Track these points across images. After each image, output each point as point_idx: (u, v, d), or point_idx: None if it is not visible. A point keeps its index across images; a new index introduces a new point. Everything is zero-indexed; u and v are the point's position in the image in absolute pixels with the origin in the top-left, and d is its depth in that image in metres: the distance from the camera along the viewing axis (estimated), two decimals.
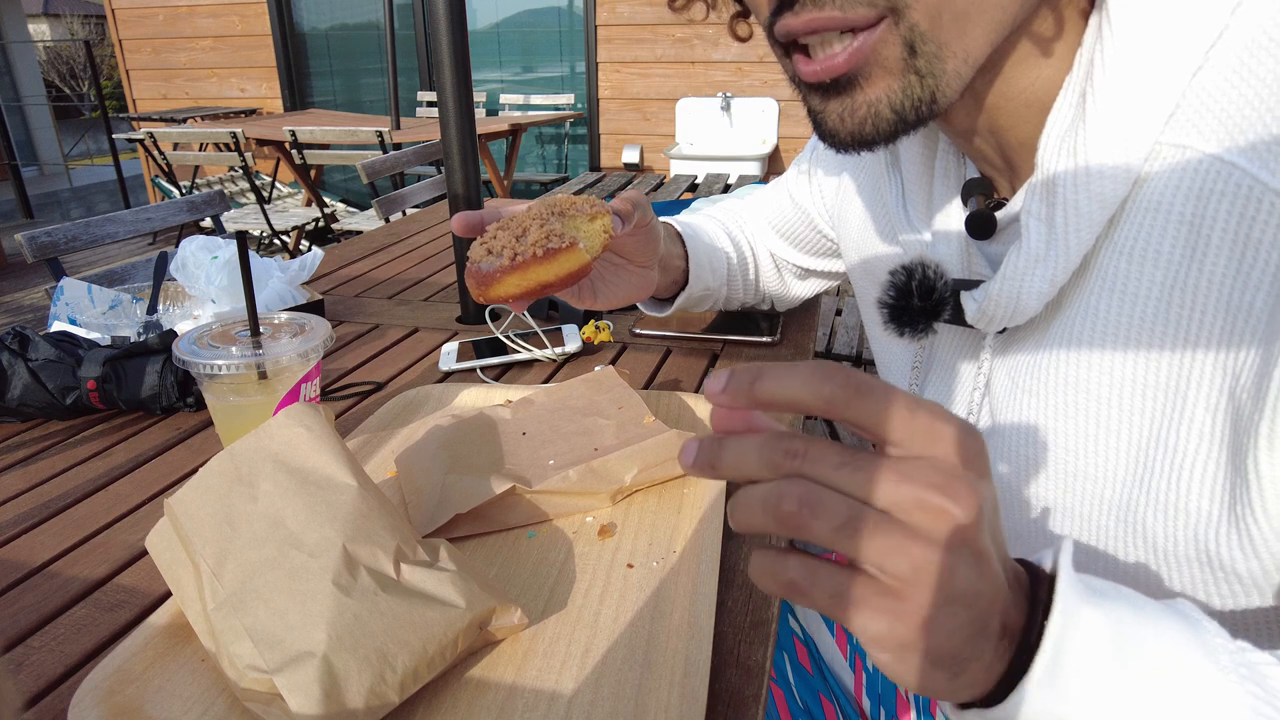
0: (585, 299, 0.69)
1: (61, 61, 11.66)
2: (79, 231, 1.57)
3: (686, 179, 3.01)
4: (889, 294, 0.52)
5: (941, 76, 0.41)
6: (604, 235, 0.57)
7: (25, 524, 0.65)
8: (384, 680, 0.41)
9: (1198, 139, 0.39)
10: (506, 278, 0.53)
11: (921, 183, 0.56)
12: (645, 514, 0.61)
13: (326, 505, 0.48)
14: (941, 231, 0.53)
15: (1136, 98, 0.40)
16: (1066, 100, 0.43)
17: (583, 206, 0.57)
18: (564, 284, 0.54)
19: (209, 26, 5.62)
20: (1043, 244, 0.44)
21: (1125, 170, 0.41)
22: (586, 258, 0.55)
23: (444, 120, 1.03)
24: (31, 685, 0.48)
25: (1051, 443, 0.47)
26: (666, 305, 0.88)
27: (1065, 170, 0.42)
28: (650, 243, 0.70)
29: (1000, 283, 0.46)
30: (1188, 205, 0.39)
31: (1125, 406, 0.43)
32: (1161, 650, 0.32)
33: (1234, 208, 0.38)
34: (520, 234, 0.54)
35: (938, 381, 0.57)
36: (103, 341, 0.88)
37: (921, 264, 0.51)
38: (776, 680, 0.68)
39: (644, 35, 4.72)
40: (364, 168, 2.35)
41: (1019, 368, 0.49)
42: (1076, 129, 0.42)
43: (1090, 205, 0.42)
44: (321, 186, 4.84)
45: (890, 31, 0.40)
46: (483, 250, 0.54)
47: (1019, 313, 0.46)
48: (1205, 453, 0.40)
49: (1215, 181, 0.38)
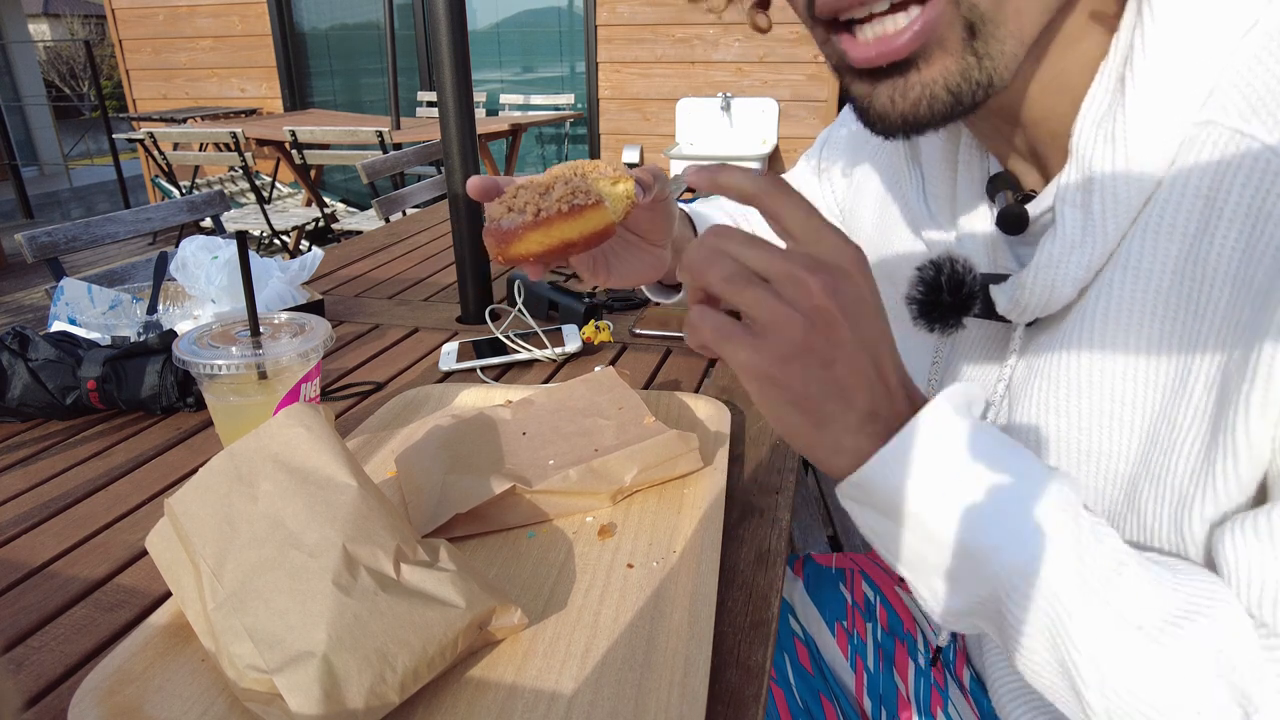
0: (599, 274, 0.67)
1: (61, 61, 11.66)
2: (79, 231, 1.57)
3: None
4: (918, 289, 0.52)
5: (1000, 58, 0.40)
6: (627, 200, 0.55)
7: (25, 524, 0.65)
8: (384, 680, 0.41)
9: (1221, 114, 0.39)
10: (529, 234, 0.50)
11: (944, 178, 0.55)
12: (645, 514, 0.61)
13: (326, 505, 0.48)
14: (967, 227, 0.53)
15: (1178, 81, 0.40)
16: (1102, 85, 0.42)
17: (605, 170, 0.56)
18: (587, 244, 0.52)
19: (209, 26, 5.62)
20: (1078, 231, 0.43)
21: (1164, 153, 0.40)
22: (612, 217, 0.53)
23: (444, 120, 1.03)
24: (31, 685, 0.48)
25: (1065, 424, 0.47)
26: (674, 292, 0.88)
27: (1103, 155, 0.42)
28: (665, 219, 0.69)
29: (1034, 272, 0.45)
30: (1205, 179, 0.39)
31: (1139, 385, 0.43)
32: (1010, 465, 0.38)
33: (1249, 180, 0.37)
34: (544, 192, 0.52)
35: (959, 375, 0.57)
36: (103, 341, 0.88)
37: (950, 259, 0.50)
38: (777, 680, 0.68)
39: (644, 35, 4.72)
40: (364, 168, 2.35)
41: (1040, 352, 0.49)
42: (1115, 113, 0.41)
43: (1129, 191, 0.41)
44: (321, 186, 4.84)
45: (951, 8, 0.39)
46: (503, 209, 0.52)
47: (1053, 301, 0.46)
48: (1195, 429, 0.40)
49: (1233, 154, 0.38)
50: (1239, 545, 0.37)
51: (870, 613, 0.75)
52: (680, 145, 4.58)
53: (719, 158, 4.25)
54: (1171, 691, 0.36)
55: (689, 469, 0.65)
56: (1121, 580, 0.37)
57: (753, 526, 0.62)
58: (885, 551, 0.42)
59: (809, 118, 4.51)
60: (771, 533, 0.61)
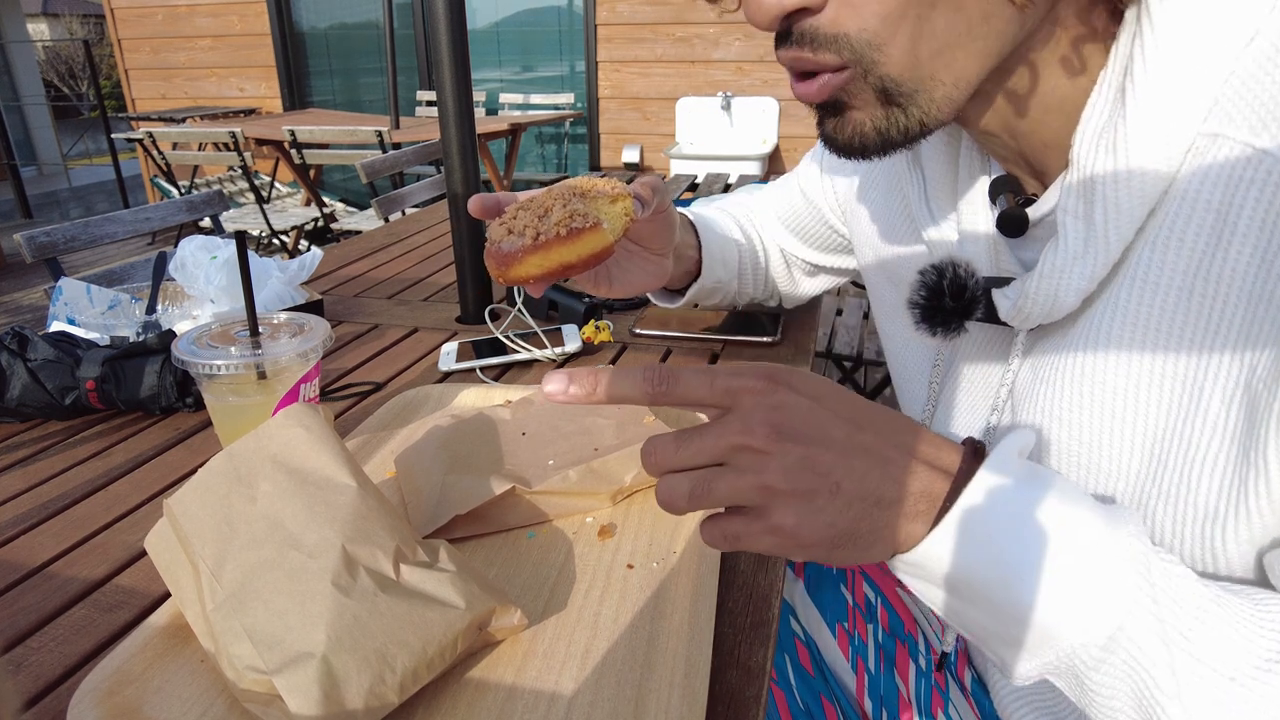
0: (601, 286, 0.68)
1: (60, 61, 11.65)
2: (78, 231, 1.57)
3: (687, 178, 3.00)
4: (920, 294, 0.52)
5: (929, 105, 0.42)
6: (625, 218, 0.56)
7: (25, 524, 0.65)
8: (383, 681, 0.41)
9: (1230, 127, 0.39)
10: (528, 258, 0.51)
11: (945, 180, 0.55)
12: (645, 514, 0.61)
13: (326, 506, 0.48)
14: (969, 229, 0.53)
15: (1179, 91, 0.39)
16: (1103, 96, 0.42)
17: (604, 189, 0.56)
18: (586, 265, 0.53)
19: (208, 26, 5.61)
20: (1081, 242, 0.43)
21: (1166, 164, 0.40)
22: (610, 239, 0.54)
23: (443, 120, 1.03)
24: (31, 686, 0.48)
25: (1067, 435, 0.47)
26: (678, 297, 0.87)
27: (1104, 167, 0.42)
28: (667, 229, 0.69)
29: (1037, 280, 0.45)
30: (1215, 192, 0.39)
31: (1141, 399, 0.43)
32: (1071, 521, 0.37)
33: (1263, 195, 0.37)
34: (543, 214, 0.53)
35: (961, 379, 0.57)
36: (102, 341, 0.87)
37: (952, 263, 0.50)
38: (777, 681, 0.68)
39: (644, 34, 4.72)
40: (363, 167, 2.34)
41: (1042, 361, 0.49)
42: (1115, 125, 0.41)
43: (1131, 201, 0.41)
44: (321, 186, 4.83)
45: (858, 81, 0.42)
46: (503, 230, 0.53)
47: (1056, 309, 0.46)
48: (1217, 447, 0.39)
49: (1245, 169, 0.38)
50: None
51: (871, 614, 0.75)
52: (680, 145, 4.58)
53: (719, 157, 4.25)
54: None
55: None
56: (1205, 629, 0.36)
57: None
58: (948, 620, 0.41)
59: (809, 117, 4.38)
60: None
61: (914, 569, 0.40)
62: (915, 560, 0.39)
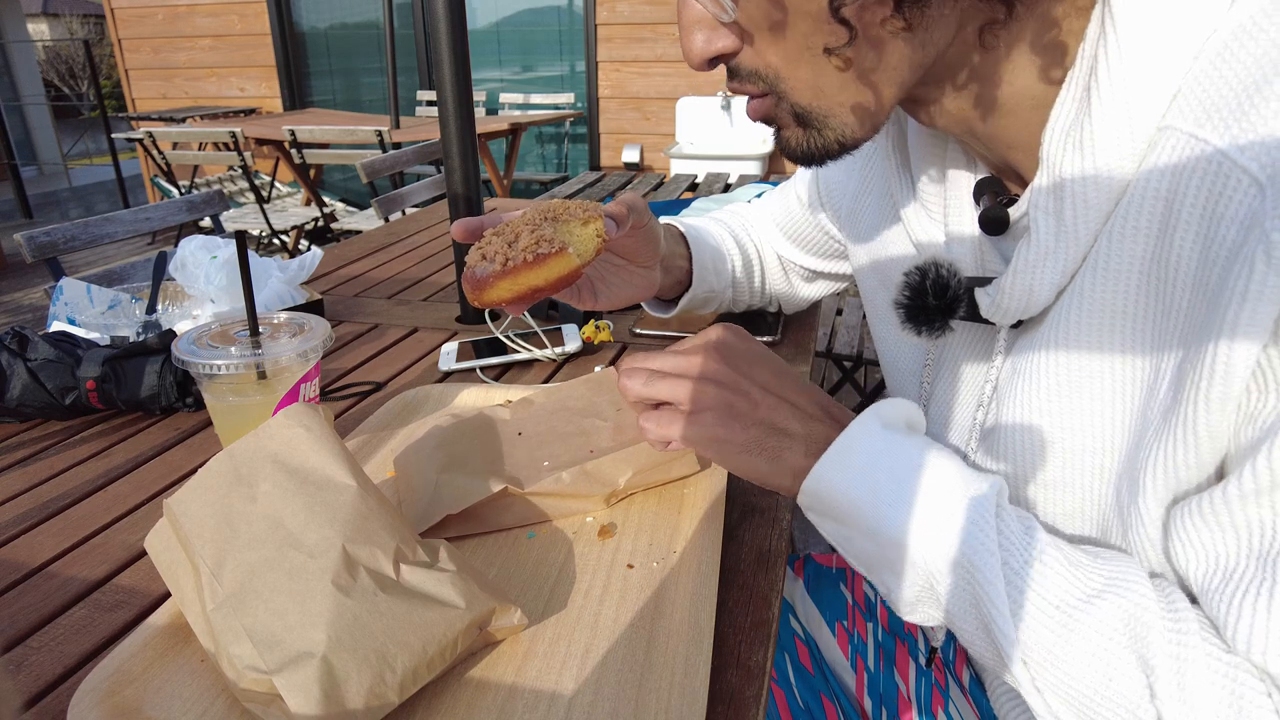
0: (586, 300, 0.71)
1: (60, 61, 11.65)
2: (78, 231, 1.57)
3: (687, 178, 3.00)
4: (904, 294, 0.53)
5: (843, 128, 0.47)
6: (597, 240, 0.59)
7: (25, 524, 0.65)
8: (383, 681, 0.41)
9: (1179, 119, 0.40)
10: (499, 282, 0.55)
11: (933, 183, 0.56)
12: (645, 514, 0.61)
13: (326, 506, 0.48)
14: (956, 230, 0.54)
15: (1141, 89, 0.41)
16: (1070, 94, 0.43)
17: (576, 211, 0.59)
18: (555, 288, 0.56)
19: (208, 26, 5.62)
20: (1052, 238, 0.45)
21: (1131, 159, 0.41)
22: (576, 262, 0.56)
23: (443, 119, 1.03)
24: (31, 686, 0.48)
25: (1048, 425, 0.48)
26: (671, 306, 0.88)
27: (1072, 164, 0.43)
28: (649, 243, 0.70)
29: (1012, 277, 0.47)
30: (1164, 182, 0.40)
31: (1116, 382, 0.44)
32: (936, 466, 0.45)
33: (1204, 183, 0.38)
34: (512, 240, 0.56)
35: (950, 378, 0.57)
36: (102, 341, 0.87)
37: (935, 263, 0.51)
38: (777, 681, 0.68)
39: (644, 34, 4.72)
40: (363, 167, 2.34)
41: (1022, 355, 0.50)
42: (1082, 122, 0.42)
43: (1099, 196, 0.42)
44: (321, 186, 4.83)
45: (778, 105, 0.47)
46: (478, 255, 0.56)
47: (1032, 304, 0.47)
48: (1157, 427, 0.41)
49: (1188, 158, 0.39)
50: (1187, 527, 0.40)
51: (871, 612, 0.75)
52: (680, 144, 4.58)
53: (719, 156, 4.25)
54: (1085, 662, 0.40)
55: (684, 472, 0.65)
56: (1042, 566, 0.42)
57: (753, 527, 0.62)
58: (844, 553, 0.49)
59: None
60: (772, 533, 0.61)
61: (810, 499, 0.48)
62: (809, 489, 0.47)
